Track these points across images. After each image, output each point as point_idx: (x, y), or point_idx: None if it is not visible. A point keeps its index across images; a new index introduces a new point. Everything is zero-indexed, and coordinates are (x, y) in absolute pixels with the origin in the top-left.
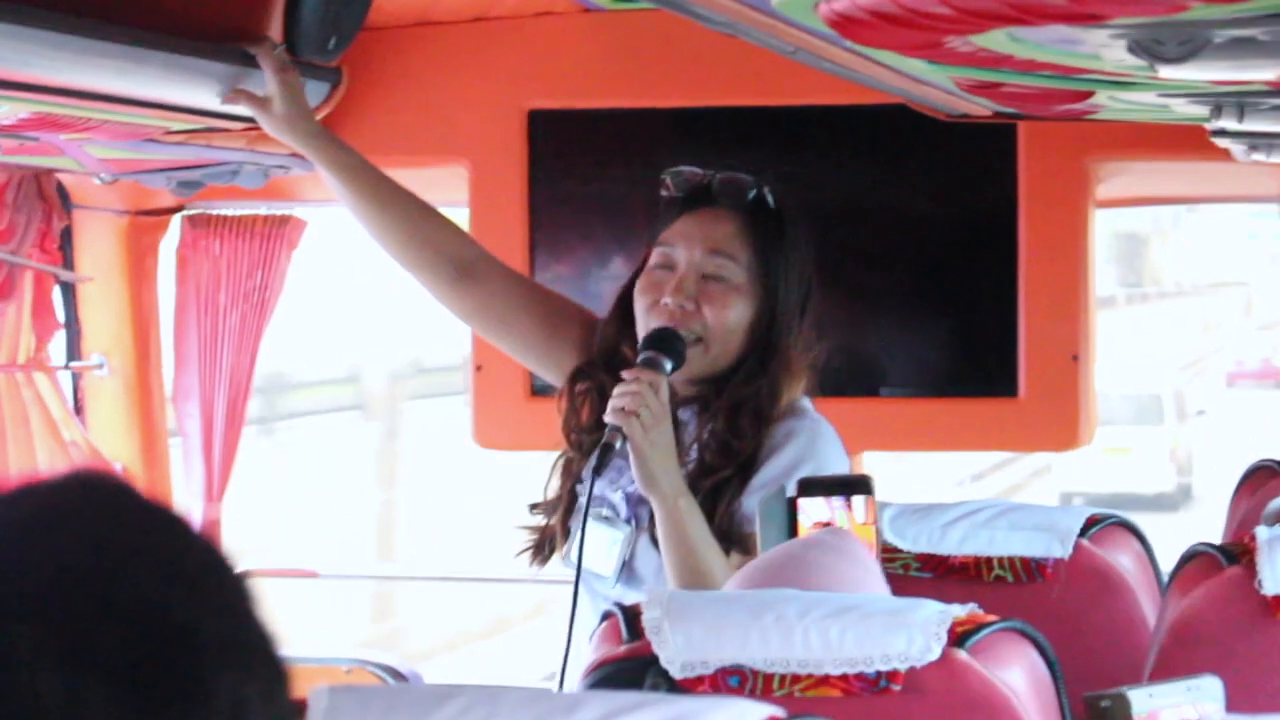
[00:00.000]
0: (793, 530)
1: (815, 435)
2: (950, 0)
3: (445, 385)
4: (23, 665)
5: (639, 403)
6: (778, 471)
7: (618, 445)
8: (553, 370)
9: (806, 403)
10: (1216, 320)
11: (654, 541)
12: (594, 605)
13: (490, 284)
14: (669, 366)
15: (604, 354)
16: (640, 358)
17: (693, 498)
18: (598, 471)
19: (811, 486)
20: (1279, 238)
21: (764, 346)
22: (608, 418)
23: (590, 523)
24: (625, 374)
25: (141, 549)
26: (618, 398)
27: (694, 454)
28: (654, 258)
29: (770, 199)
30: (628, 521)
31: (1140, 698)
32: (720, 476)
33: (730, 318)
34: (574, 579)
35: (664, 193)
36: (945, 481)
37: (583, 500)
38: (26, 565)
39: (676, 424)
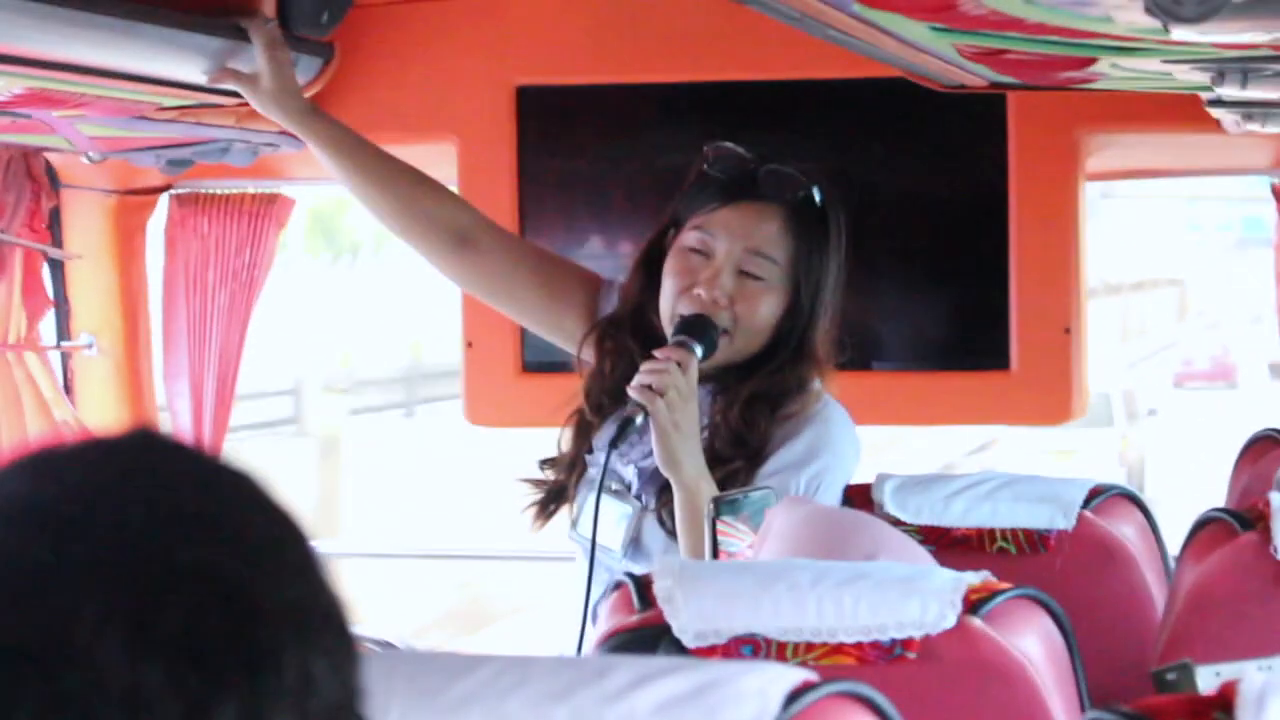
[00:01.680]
0: (714, 546)
1: (827, 427)
2: None
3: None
4: (86, 634)
5: (667, 381)
6: (786, 462)
7: (638, 421)
8: (556, 332)
9: (822, 390)
10: (1140, 325)
11: (660, 521)
12: (601, 575)
13: (490, 251)
14: (700, 352)
15: (629, 314)
16: (673, 339)
17: (712, 481)
18: (614, 444)
19: (720, 507)
20: (1225, 228)
21: (793, 341)
22: (632, 392)
23: (600, 495)
24: (657, 352)
25: (205, 513)
26: (645, 374)
27: (704, 438)
28: (690, 239)
29: (817, 196)
30: (638, 497)
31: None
32: (730, 467)
33: (761, 316)
34: (583, 553)
35: (705, 167)
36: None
37: (594, 471)
38: (89, 529)
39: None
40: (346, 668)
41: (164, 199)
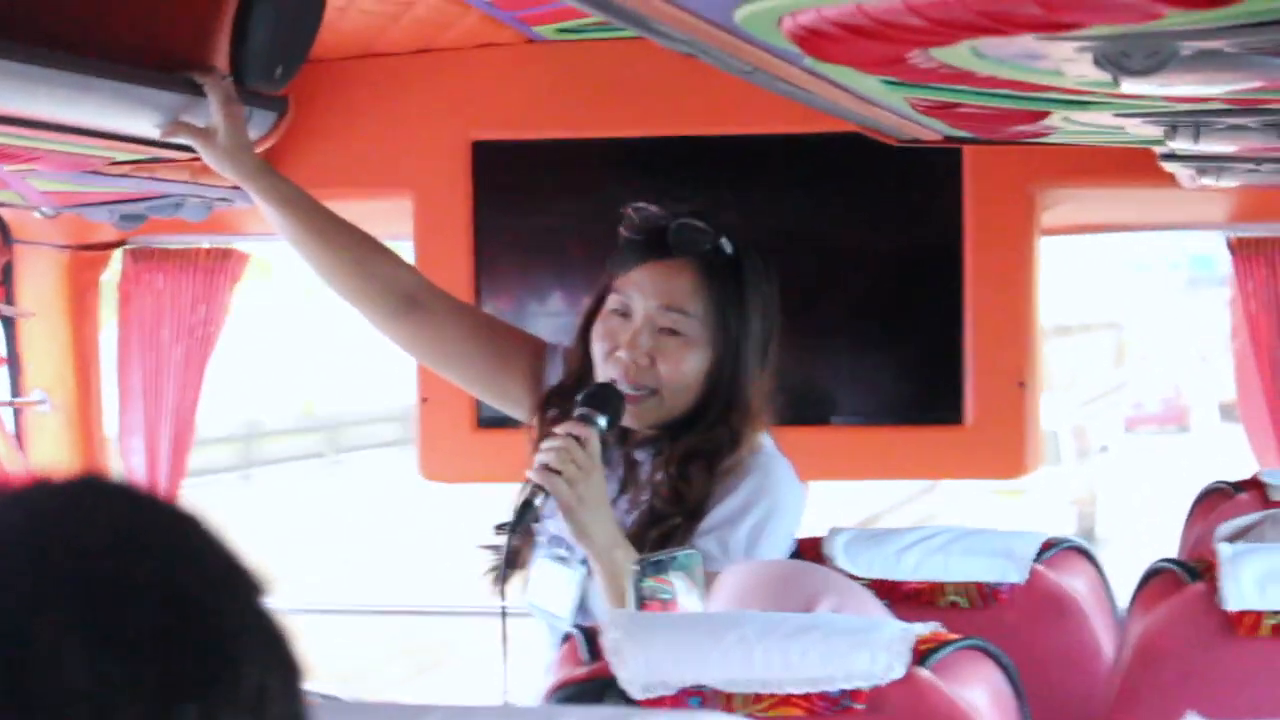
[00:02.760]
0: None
1: (766, 477)
2: (921, 10)
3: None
4: (46, 651)
5: (563, 459)
6: (723, 517)
7: (537, 502)
8: (502, 398)
9: (764, 439)
10: (1072, 374)
11: None
12: (551, 643)
13: (436, 315)
14: (603, 422)
15: (572, 381)
16: (575, 413)
17: (630, 547)
18: (513, 529)
19: (645, 568)
20: (1176, 267)
21: (724, 396)
22: (529, 474)
23: (546, 562)
24: (556, 429)
25: (158, 535)
26: (542, 453)
27: (646, 497)
28: (611, 301)
29: (728, 247)
30: (582, 562)
31: None
32: (669, 525)
33: (685, 371)
34: (535, 618)
35: (623, 230)
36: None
37: (541, 538)
38: (43, 556)
39: (632, 464)
40: (296, 687)
41: (118, 254)
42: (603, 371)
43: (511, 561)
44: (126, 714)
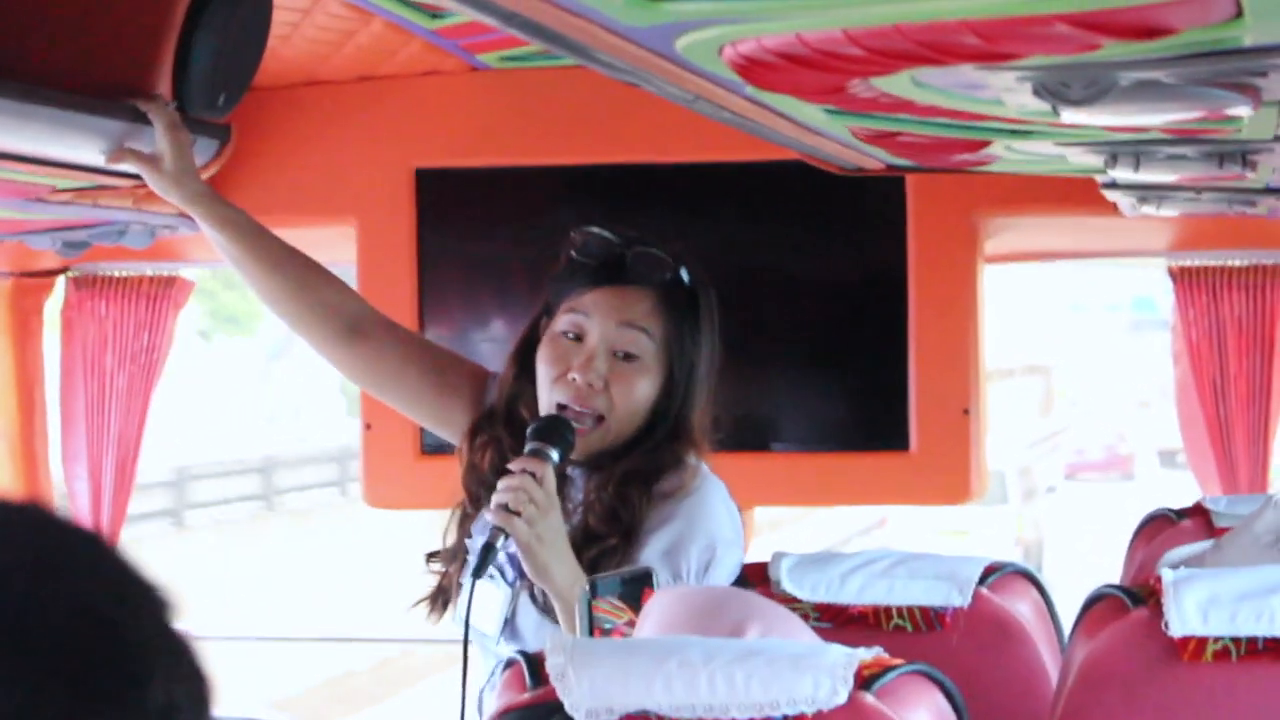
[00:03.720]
0: (589, 628)
1: (705, 500)
2: (860, 40)
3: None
4: None
5: (520, 499)
6: (671, 541)
7: (499, 545)
8: (444, 426)
9: (701, 465)
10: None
11: (533, 598)
12: (484, 662)
13: (379, 341)
14: (556, 456)
15: (503, 406)
16: (527, 448)
17: (587, 577)
18: (477, 573)
19: (596, 587)
20: (1115, 309)
21: (669, 421)
22: (489, 516)
23: (480, 581)
24: (511, 465)
25: (66, 554)
26: (501, 494)
27: (578, 516)
28: (562, 323)
29: (685, 276)
30: (511, 583)
31: None
32: (605, 545)
33: (637, 398)
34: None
35: (572, 253)
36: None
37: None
38: None
39: (563, 480)
40: (204, 698)
41: (61, 281)
42: (549, 395)
43: (447, 590)
44: None
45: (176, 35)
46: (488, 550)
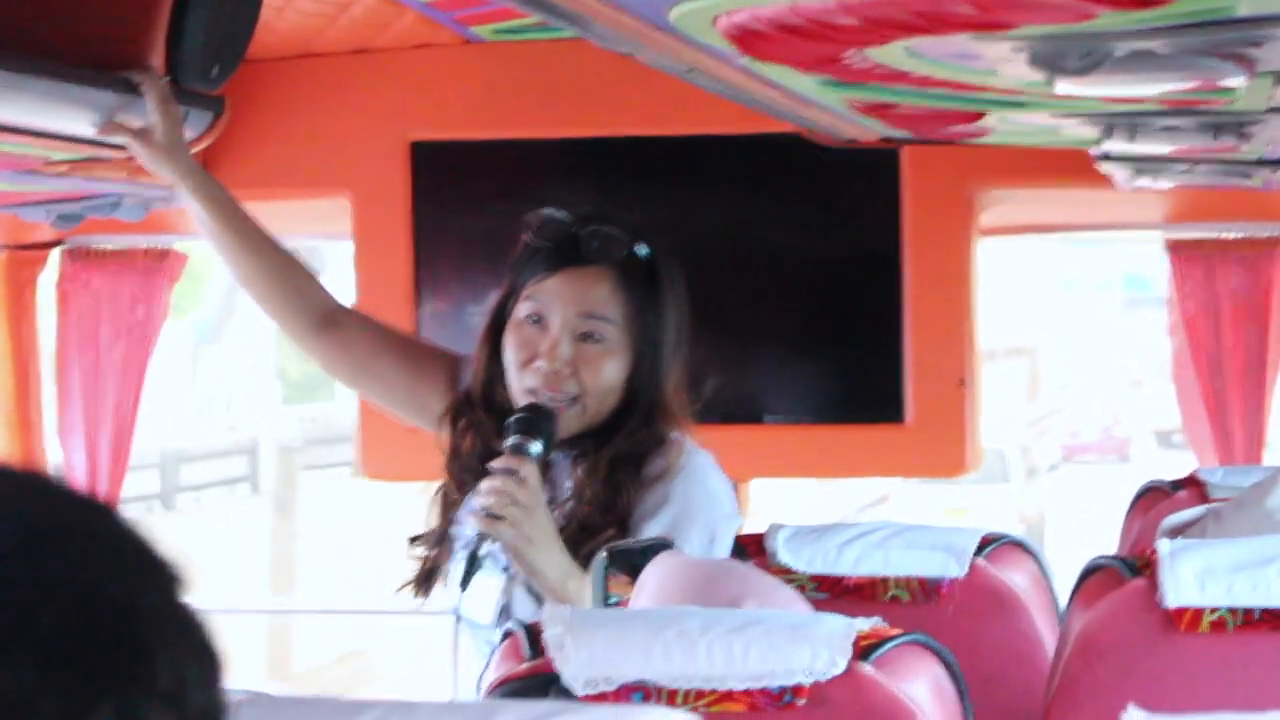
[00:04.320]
0: (606, 597)
1: (697, 478)
2: (854, 9)
3: None
4: None
5: (503, 503)
6: (669, 522)
7: (483, 552)
8: (417, 414)
9: (685, 440)
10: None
11: (530, 589)
12: (477, 650)
13: (351, 330)
14: (538, 448)
15: (480, 389)
16: (507, 443)
17: (582, 575)
18: (464, 583)
19: (615, 557)
20: (1105, 287)
21: (644, 399)
22: (473, 522)
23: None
24: (492, 465)
25: (69, 528)
26: (483, 498)
27: (569, 506)
28: (524, 309)
29: (643, 252)
30: (505, 570)
31: None
32: (604, 536)
33: (606, 378)
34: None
35: (529, 236)
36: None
37: (461, 547)
38: None
39: (548, 466)
40: (214, 676)
41: (55, 254)
42: (518, 380)
43: (432, 573)
44: (41, 713)
45: (170, 7)
46: (472, 560)
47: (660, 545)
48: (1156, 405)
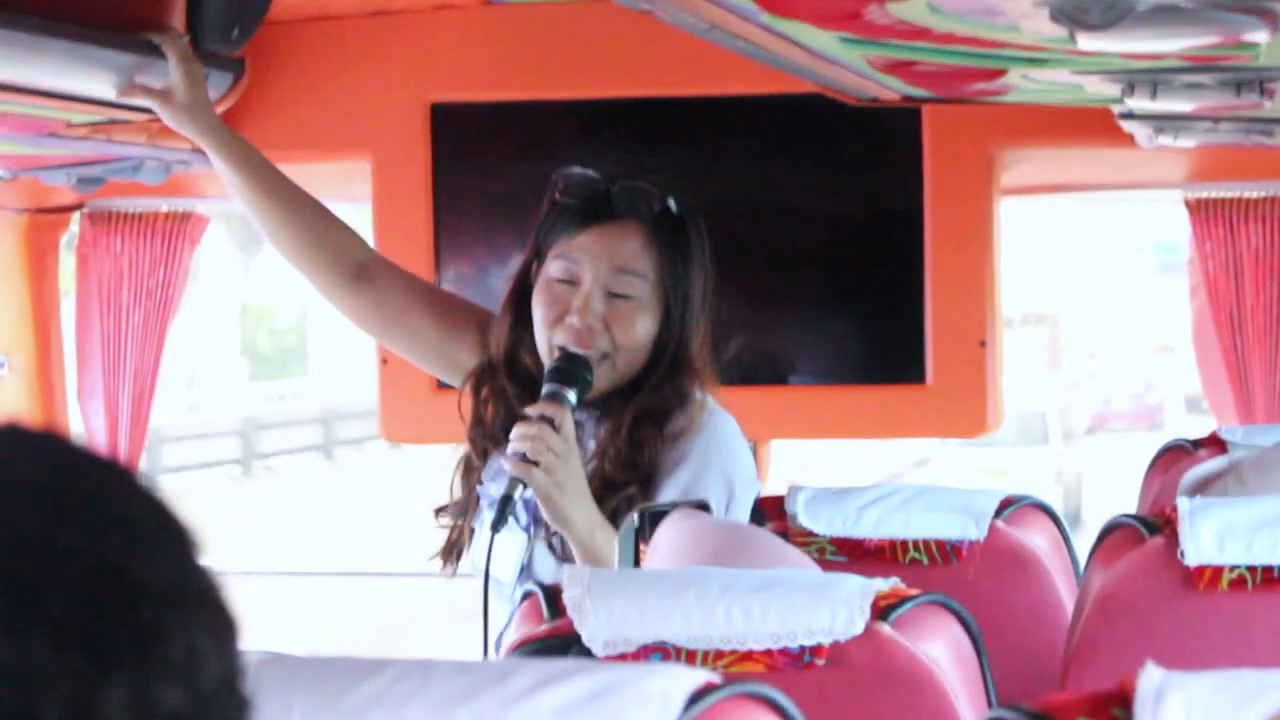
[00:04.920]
0: (637, 558)
1: (718, 438)
2: None
3: None
4: None
5: (539, 448)
6: (689, 479)
7: (517, 495)
8: (450, 369)
9: (707, 399)
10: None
11: (550, 548)
12: (502, 608)
13: (384, 284)
14: (574, 398)
15: (503, 356)
16: (544, 390)
17: (610, 528)
18: (496, 527)
19: (646, 519)
20: (1137, 251)
21: (670, 356)
22: (507, 466)
23: (497, 529)
24: (529, 410)
25: (80, 496)
26: (518, 442)
27: (593, 465)
28: (555, 268)
29: (673, 206)
30: (526, 529)
31: None
32: (625, 493)
33: (638, 334)
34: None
35: (557, 195)
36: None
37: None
38: None
39: (575, 425)
40: (229, 644)
41: (76, 217)
42: (547, 339)
43: (458, 542)
44: (53, 692)
45: None
46: (505, 503)
47: (697, 506)
48: (1187, 371)
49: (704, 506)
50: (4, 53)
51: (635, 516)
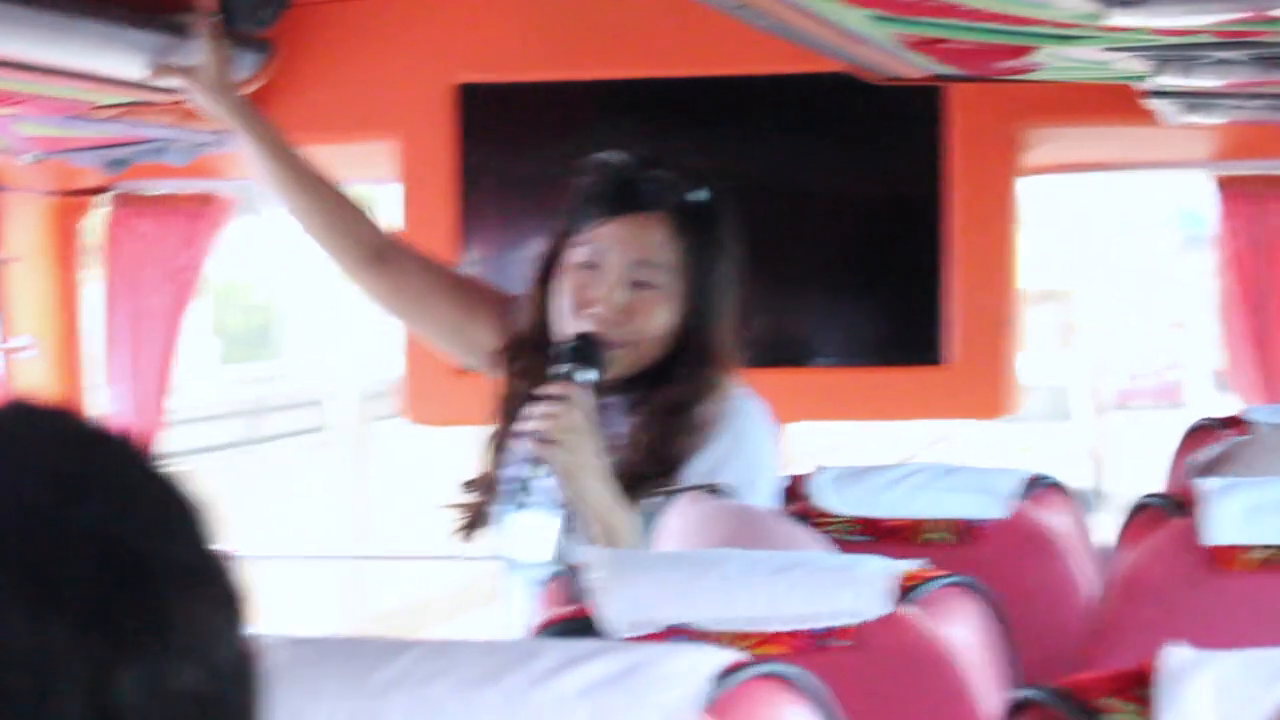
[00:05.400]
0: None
1: (743, 421)
2: None
3: None
4: None
5: (558, 427)
6: (713, 464)
7: (534, 475)
8: (471, 351)
9: (735, 387)
10: None
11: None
12: (531, 592)
13: (405, 266)
14: (591, 377)
15: (533, 331)
16: (560, 370)
17: (628, 508)
18: (519, 505)
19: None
20: (1160, 225)
21: (694, 346)
22: (524, 446)
23: (520, 511)
24: (544, 390)
25: (93, 475)
26: (535, 422)
27: (622, 454)
28: (579, 255)
29: (699, 197)
30: (559, 508)
31: None
32: (652, 483)
33: (659, 323)
34: (508, 571)
35: (585, 181)
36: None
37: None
38: None
39: (600, 410)
40: (239, 621)
41: (103, 199)
42: (571, 325)
43: (482, 517)
44: (67, 676)
45: None
46: (524, 485)
47: (705, 491)
48: (1211, 348)
49: (720, 490)
50: (33, 34)
51: (661, 504)
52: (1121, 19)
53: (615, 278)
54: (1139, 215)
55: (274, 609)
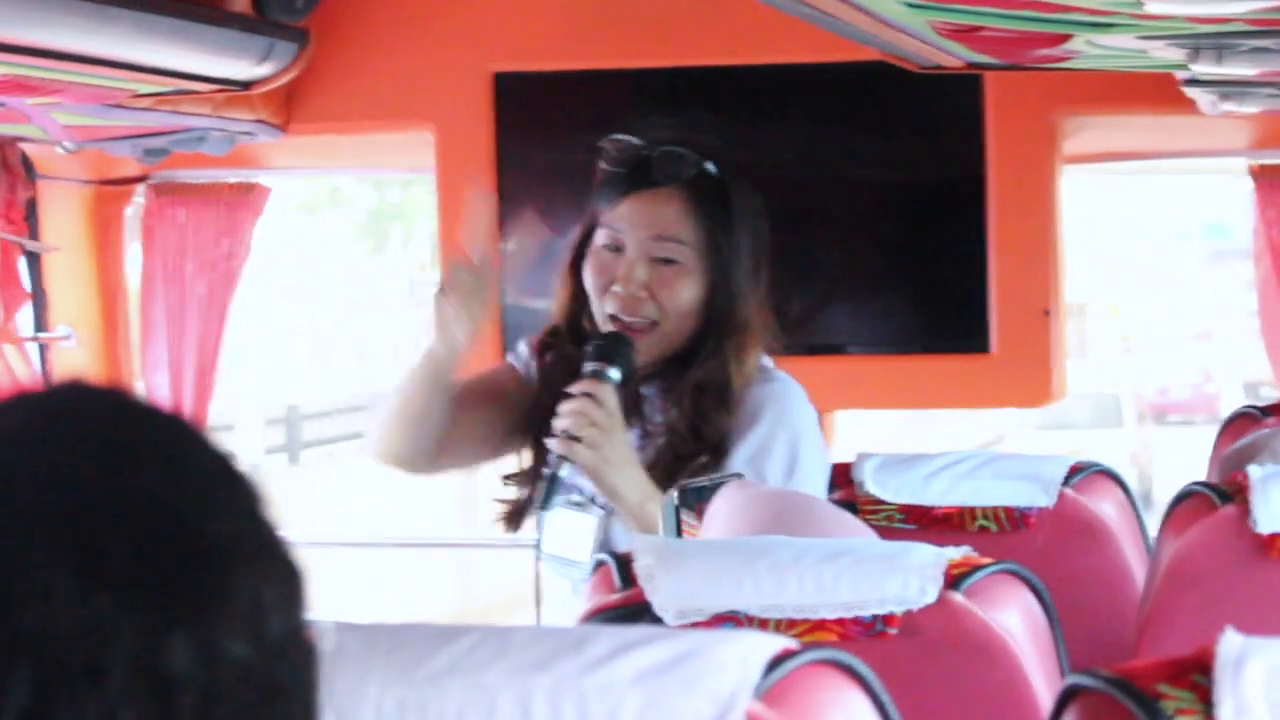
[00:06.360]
0: (679, 534)
1: (783, 404)
2: None
3: None
4: (37, 572)
5: (581, 424)
6: (755, 446)
7: (563, 474)
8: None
9: (768, 363)
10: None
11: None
12: (576, 590)
13: (455, 443)
14: (617, 375)
15: (566, 322)
16: (585, 369)
17: (661, 499)
18: (545, 505)
19: (686, 494)
20: (1184, 237)
21: (720, 322)
22: (552, 444)
23: (562, 509)
24: (570, 389)
25: (147, 449)
26: (560, 419)
27: (662, 439)
28: (601, 237)
29: (713, 170)
30: (602, 507)
31: None
32: (696, 464)
33: (683, 299)
34: (551, 569)
35: (603, 163)
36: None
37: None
38: (31, 470)
39: (639, 400)
40: (295, 596)
41: (141, 189)
42: (599, 307)
43: (524, 512)
44: (118, 644)
45: None
46: (552, 481)
47: (732, 480)
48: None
49: (737, 478)
50: (72, 22)
51: (675, 493)
52: (1157, 6)
53: (634, 255)
54: (1165, 228)
55: (384, 596)
